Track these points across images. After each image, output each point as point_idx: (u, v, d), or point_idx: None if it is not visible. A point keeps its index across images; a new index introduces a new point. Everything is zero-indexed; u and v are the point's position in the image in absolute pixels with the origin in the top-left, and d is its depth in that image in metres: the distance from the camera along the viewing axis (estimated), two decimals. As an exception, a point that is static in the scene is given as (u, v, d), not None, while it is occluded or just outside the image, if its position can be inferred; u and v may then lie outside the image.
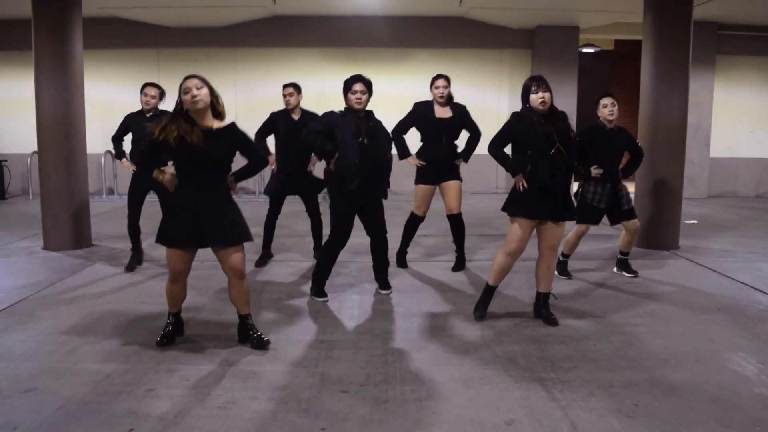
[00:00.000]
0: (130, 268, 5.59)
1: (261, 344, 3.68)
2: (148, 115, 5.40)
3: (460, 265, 5.66)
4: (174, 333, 3.78)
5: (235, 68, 11.35)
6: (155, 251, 6.41)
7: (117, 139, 5.60)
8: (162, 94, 5.54)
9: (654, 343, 3.78)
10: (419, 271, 5.61)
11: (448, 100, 5.39)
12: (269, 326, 4.06)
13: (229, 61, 11.43)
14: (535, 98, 3.98)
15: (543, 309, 4.21)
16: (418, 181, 5.51)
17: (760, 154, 12.03)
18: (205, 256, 3.91)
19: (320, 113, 4.96)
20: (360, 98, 4.51)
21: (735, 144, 11.97)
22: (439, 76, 5.35)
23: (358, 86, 4.52)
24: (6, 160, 11.38)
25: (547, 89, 3.99)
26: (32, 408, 2.90)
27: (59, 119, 6.51)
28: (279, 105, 5.77)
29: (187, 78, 3.51)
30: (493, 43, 11.63)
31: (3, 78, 11.53)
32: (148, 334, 3.90)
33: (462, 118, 5.43)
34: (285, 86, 5.71)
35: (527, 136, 3.98)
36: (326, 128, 4.51)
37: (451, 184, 5.46)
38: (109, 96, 11.09)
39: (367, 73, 4.72)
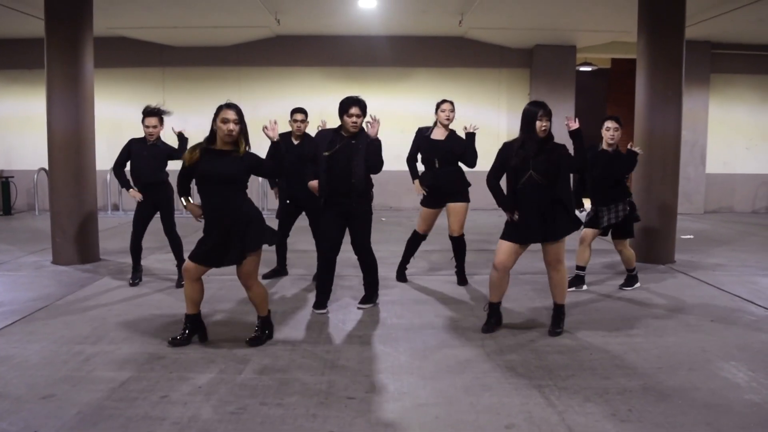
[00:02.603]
0: (134, 283, 5.72)
1: (253, 342, 4.02)
2: (150, 142, 5.58)
3: (461, 279, 5.79)
4: (189, 336, 4.01)
5: (239, 87, 11.57)
6: (159, 264, 6.56)
7: (120, 167, 5.64)
8: (161, 121, 5.67)
9: (648, 353, 3.91)
10: (421, 285, 5.75)
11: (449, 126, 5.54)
12: (276, 340, 4.19)
13: (233, 79, 11.67)
14: (540, 125, 4.10)
15: (551, 319, 4.36)
16: (422, 203, 5.66)
17: (756, 170, 12.21)
18: (212, 271, 4.07)
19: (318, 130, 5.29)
20: (356, 122, 4.65)
21: (731, 160, 12.16)
22: (444, 101, 5.51)
23: (354, 110, 4.64)
24: (12, 177, 11.56)
25: (549, 119, 4.14)
26: (51, 413, 3.03)
27: (70, 136, 6.70)
28: (283, 124, 5.93)
29: (227, 107, 3.80)
30: (491, 62, 11.88)
31: (11, 96, 11.75)
32: (159, 343, 4.04)
33: (456, 141, 5.49)
34: (297, 111, 5.85)
35: (508, 164, 4.18)
36: (315, 151, 4.90)
37: (456, 207, 5.54)
38: (115, 114, 11.31)
39: (367, 92, 4.95)
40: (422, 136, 5.57)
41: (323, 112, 11.47)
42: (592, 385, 3.40)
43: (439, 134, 5.53)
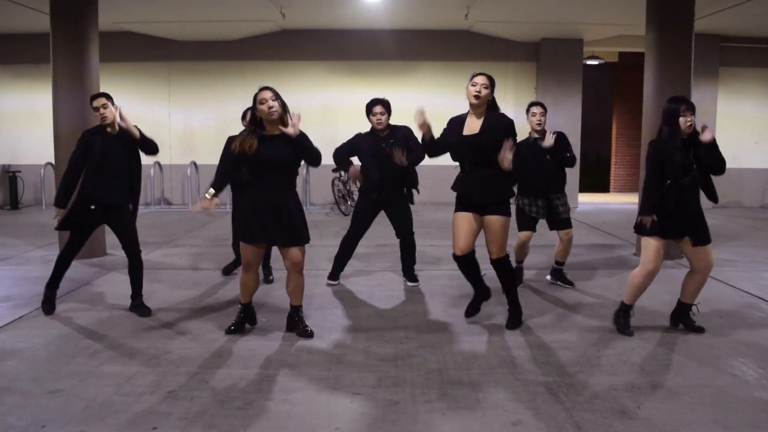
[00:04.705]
0: (227, 271, 5.89)
1: (305, 333, 4.12)
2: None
3: (515, 321, 4.36)
4: (243, 322, 4.18)
5: (244, 81, 11.54)
6: (166, 259, 6.57)
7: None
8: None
9: (656, 349, 3.89)
10: (428, 279, 5.72)
11: (487, 107, 4.20)
12: (281, 333, 4.20)
13: (238, 73, 11.66)
14: (684, 121, 3.94)
15: (685, 318, 4.27)
16: (454, 210, 4.30)
17: (764, 165, 12.13)
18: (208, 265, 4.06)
19: (326, 125, 5.28)
20: (380, 119, 5.16)
21: (739, 154, 12.07)
22: (479, 73, 4.28)
23: (377, 108, 5.16)
24: (20, 171, 11.59)
25: (694, 113, 3.98)
26: (58, 408, 3.03)
27: (76, 131, 6.61)
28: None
29: (262, 89, 3.85)
30: (498, 56, 11.81)
31: (17, 91, 11.79)
32: (166, 338, 4.05)
33: (491, 135, 4.03)
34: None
35: (668, 165, 3.98)
36: (350, 147, 5.30)
37: (492, 222, 4.13)
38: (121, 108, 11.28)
39: (373, 86, 4.98)
40: (453, 128, 4.26)
41: (327, 106, 11.60)
42: (599, 381, 3.38)
43: (471, 125, 4.16)
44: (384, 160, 5.04)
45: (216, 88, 11.73)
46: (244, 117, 5.52)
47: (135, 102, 11.63)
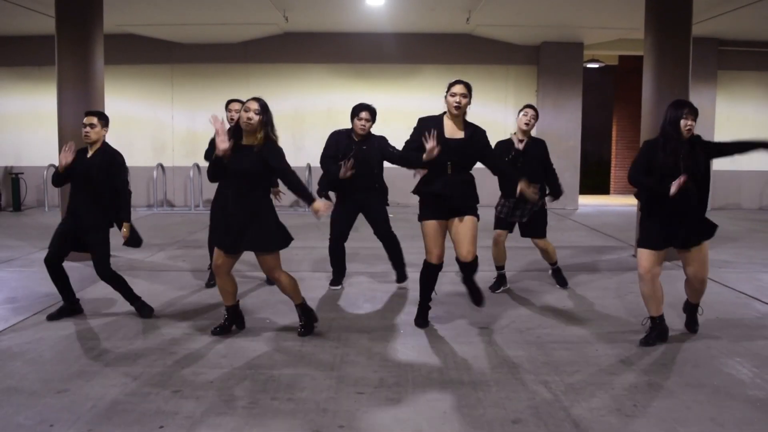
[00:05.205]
0: (210, 284, 5.55)
1: (303, 331, 4.20)
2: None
3: (478, 297, 4.40)
4: (230, 325, 4.24)
5: (248, 84, 11.61)
6: (170, 261, 6.63)
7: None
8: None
9: (654, 349, 3.95)
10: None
11: (464, 117, 4.23)
12: (287, 335, 4.26)
13: (241, 76, 11.73)
14: (684, 124, 3.92)
15: (689, 316, 4.35)
16: (421, 217, 4.26)
17: (763, 167, 12.18)
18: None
19: (329, 127, 5.31)
20: (364, 125, 5.16)
21: (737, 157, 12.08)
22: (457, 81, 4.14)
23: (364, 114, 5.15)
24: (22, 173, 11.66)
25: (695, 118, 3.95)
26: (66, 407, 3.09)
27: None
28: (291, 120, 5.97)
29: (252, 99, 3.93)
30: (499, 59, 11.89)
31: (20, 93, 11.86)
32: (171, 339, 4.11)
33: (477, 142, 4.21)
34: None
35: (654, 164, 3.98)
36: (335, 149, 5.20)
37: (461, 223, 4.17)
38: (124, 111, 11.37)
39: (375, 89, 5.03)
40: (429, 128, 4.06)
41: (331, 109, 11.67)
42: (597, 380, 3.44)
43: (453, 130, 4.18)
44: (355, 162, 5.10)
45: (219, 91, 11.77)
46: (227, 108, 5.53)
47: (138, 104, 11.75)
